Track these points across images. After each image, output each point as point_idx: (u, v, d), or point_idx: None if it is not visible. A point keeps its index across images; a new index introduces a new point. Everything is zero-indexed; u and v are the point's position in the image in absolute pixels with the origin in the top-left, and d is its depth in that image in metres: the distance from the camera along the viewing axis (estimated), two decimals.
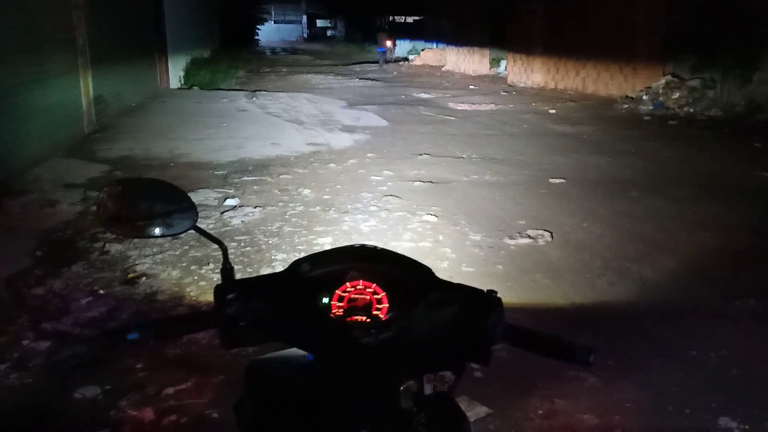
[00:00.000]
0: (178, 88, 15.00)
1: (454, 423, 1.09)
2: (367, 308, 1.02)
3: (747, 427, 2.49)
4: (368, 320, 1.00)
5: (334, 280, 1.05)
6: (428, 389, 1.08)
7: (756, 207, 5.60)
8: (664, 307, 3.61)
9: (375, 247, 1.12)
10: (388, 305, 1.02)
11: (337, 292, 1.04)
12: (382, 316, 1.01)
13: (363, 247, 1.12)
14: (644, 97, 12.10)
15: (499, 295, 1.03)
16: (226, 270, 1.08)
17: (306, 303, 1.03)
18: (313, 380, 1.02)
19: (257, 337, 1.07)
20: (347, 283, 1.04)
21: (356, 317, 1.01)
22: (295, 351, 1.15)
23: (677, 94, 11.70)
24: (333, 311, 1.02)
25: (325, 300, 1.03)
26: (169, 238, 4.35)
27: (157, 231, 1.15)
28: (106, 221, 1.15)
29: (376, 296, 1.03)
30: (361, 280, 1.04)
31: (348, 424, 0.97)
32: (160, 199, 1.16)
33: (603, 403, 2.65)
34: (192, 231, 1.17)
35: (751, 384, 2.81)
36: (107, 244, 4.39)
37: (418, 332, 1.00)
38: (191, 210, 1.16)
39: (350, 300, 1.03)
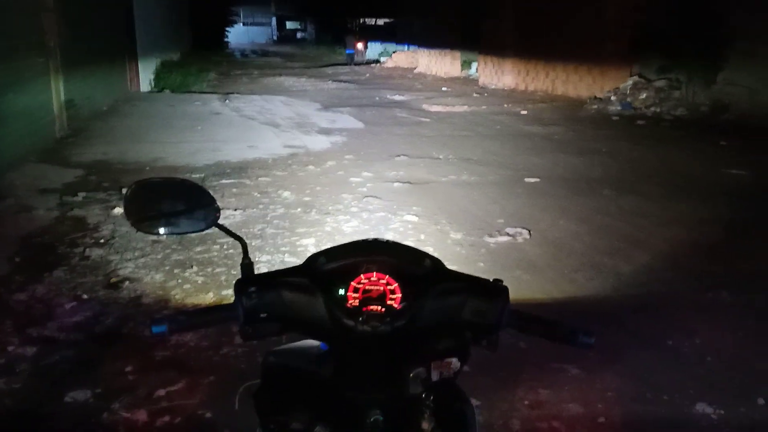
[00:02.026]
0: (149, 92, 14.82)
1: (459, 407, 1.16)
2: (381, 299, 1.07)
3: (722, 411, 2.61)
4: (383, 310, 1.06)
5: (349, 272, 1.10)
6: (435, 375, 1.13)
7: (725, 203, 5.79)
8: (640, 300, 3.74)
9: (387, 241, 1.18)
10: (401, 295, 1.08)
11: (353, 283, 1.09)
12: (396, 305, 1.07)
13: (376, 240, 1.18)
14: (612, 98, 12.36)
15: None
16: (246, 265, 1.13)
17: (323, 294, 1.08)
18: (327, 368, 1.08)
19: (275, 328, 1.12)
20: (362, 275, 1.10)
21: (371, 307, 1.07)
22: (309, 342, 1.20)
23: (644, 95, 11.98)
24: (349, 302, 1.07)
25: (341, 291, 1.08)
26: (160, 239, 4.35)
27: (181, 228, 1.19)
28: (132, 219, 1.19)
29: (389, 287, 1.09)
30: (375, 272, 1.10)
31: (361, 409, 1.02)
32: (182, 197, 1.20)
33: (586, 393, 2.74)
34: (213, 227, 1.21)
35: (725, 371, 2.94)
36: (87, 249, 4.37)
37: (429, 320, 1.07)
38: (213, 207, 1.20)
39: (365, 291, 1.08)
